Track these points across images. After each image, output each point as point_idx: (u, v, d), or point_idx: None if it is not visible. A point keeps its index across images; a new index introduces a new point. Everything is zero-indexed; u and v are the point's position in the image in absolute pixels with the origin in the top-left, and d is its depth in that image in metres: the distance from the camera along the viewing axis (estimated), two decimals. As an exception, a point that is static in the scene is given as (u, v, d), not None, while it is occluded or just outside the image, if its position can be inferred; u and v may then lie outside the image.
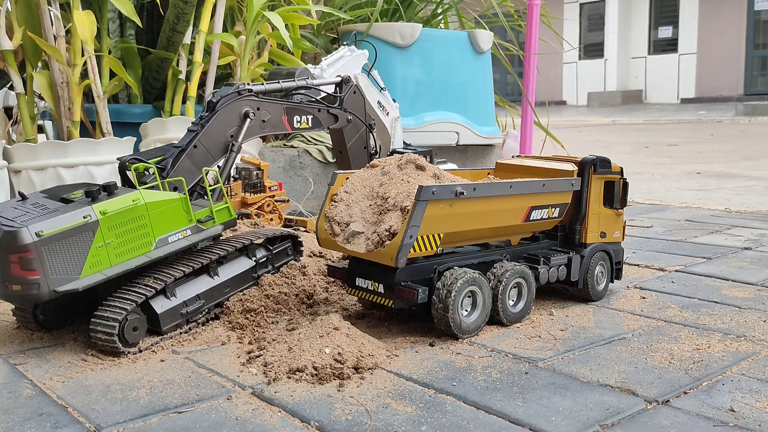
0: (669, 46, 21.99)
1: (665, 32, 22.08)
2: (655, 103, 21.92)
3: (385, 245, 2.16)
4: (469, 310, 2.29)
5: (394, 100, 3.87)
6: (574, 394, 1.84)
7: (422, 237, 2.18)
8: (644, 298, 2.74)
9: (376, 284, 2.26)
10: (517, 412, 1.73)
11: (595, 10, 22.97)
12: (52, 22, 3.51)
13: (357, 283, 2.33)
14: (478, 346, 2.20)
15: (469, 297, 2.28)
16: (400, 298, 2.21)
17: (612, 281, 2.76)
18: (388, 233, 2.17)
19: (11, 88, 3.80)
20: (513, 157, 2.97)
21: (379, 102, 3.67)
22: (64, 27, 3.55)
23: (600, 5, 22.63)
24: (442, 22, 5.65)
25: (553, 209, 2.54)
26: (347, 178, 2.40)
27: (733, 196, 5.50)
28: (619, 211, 2.74)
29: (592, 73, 22.90)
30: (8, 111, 4.49)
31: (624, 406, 1.77)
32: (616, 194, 2.71)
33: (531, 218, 2.47)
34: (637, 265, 3.26)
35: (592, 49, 22.97)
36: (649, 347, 2.19)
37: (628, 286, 2.90)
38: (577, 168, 2.62)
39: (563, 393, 1.85)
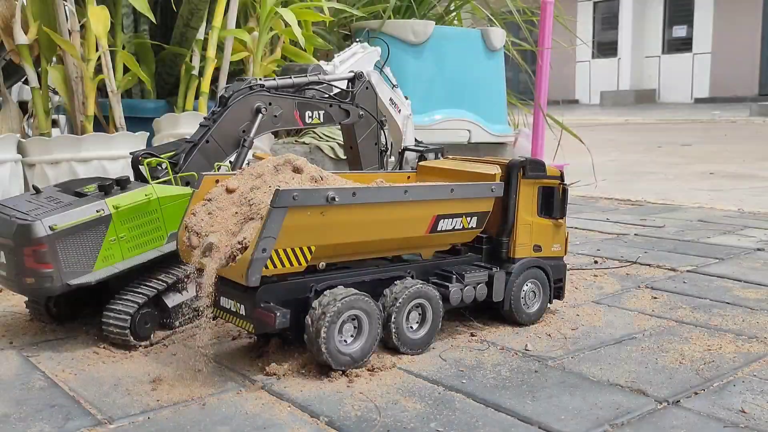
0: (683, 45, 21.86)
1: (679, 31, 21.95)
2: (669, 102, 21.79)
3: (236, 260, 1.85)
4: (353, 336, 1.96)
5: (407, 98, 3.86)
6: (583, 393, 1.84)
7: (285, 250, 1.86)
8: (655, 298, 2.73)
9: (238, 305, 1.94)
10: (526, 411, 1.73)
11: (609, 8, 22.86)
12: (66, 17, 3.53)
13: (221, 304, 2.00)
14: (488, 343, 2.20)
15: (352, 320, 1.95)
16: (259, 322, 1.89)
17: (551, 301, 2.45)
18: (240, 246, 1.85)
19: (26, 82, 3.83)
20: (440, 158, 2.69)
21: (391, 99, 3.66)
22: (79, 22, 3.57)
23: (614, 4, 22.52)
24: (456, 19, 5.64)
25: (469, 218, 2.22)
26: (216, 181, 2.06)
27: (746, 197, 5.46)
28: (559, 221, 2.43)
29: (605, 72, 22.81)
30: (23, 105, 4.52)
31: (634, 406, 1.76)
32: (555, 202, 2.41)
33: (439, 229, 2.16)
34: (649, 265, 3.24)
35: (606, 47, 22.86)
36: (659, 347, 2.18)
37: (639, 286, 2.89)
38: (501, 171, 2.31)
39: (573, 392, 1.84)
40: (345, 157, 3.97)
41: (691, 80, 21.59)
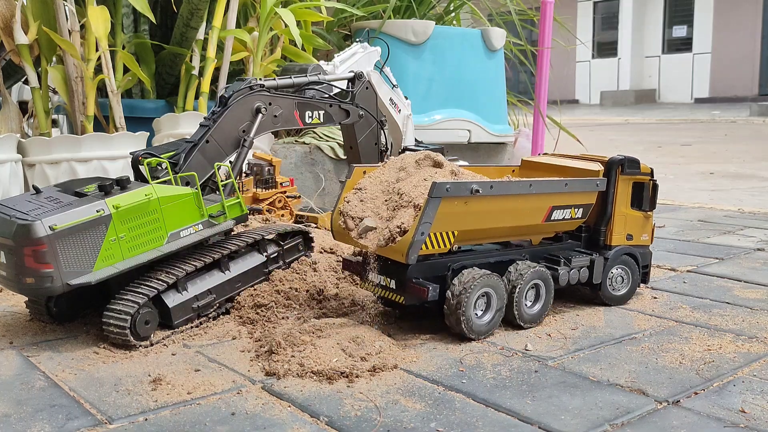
0: (683, 45, 21.85)
1: (679, 31, 21.94)
2: (669, 102, 21.79)
3: (396, 241, 2.12)
4: (482, 311, 2.25)
5: (406, 98, 3.87)
6: (583, 393, 1.84)
7: (435, 234, 2.14)
8: (656, 298, 2.73)
9: (389, 280, 2.24)
10: (526, 410, 1.73)
11: (609, 8, 22.86)
12: (66, 17, 3.53)
13: (370, 278, 2.31)
14: (488, 343, 2.20)
15: (483, 297, 2.24)
16: (411, 295, 2.18)
17: (639, 285, 2.70)
18: (399, 230, 2.13)
19: (26, 82, 3.83)
20: (540, 154, 2.95)
21: (391, 99, 3.66)
22: (79, 22, 3.57)
23: (614, 3, 22.52)
24: (455, 20, 5.64)
25: (576, 210, 2.48)
26: (364, 172, 2.39)
27: (746, 197, 5.46)
28: (648, 213, 2.66)
29: (605, 72, 22.80)
30: (23, 105, 4.52)
31: (634, 406, 1.76)
32: (645, 196, 2.64)
33: (552, 218, 2.42)
34: (649, 265, 3.24)
35: (606, 47, 22.86)
36: (660, 347, 2.18)
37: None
38: (603, 168, 2.55)
39: (573, 392, 1.84)
40: (345, 157, 3.97)
41: (691, 80, 21.58)
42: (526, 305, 2.34)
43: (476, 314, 2.22)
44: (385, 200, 2.26)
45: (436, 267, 2.23)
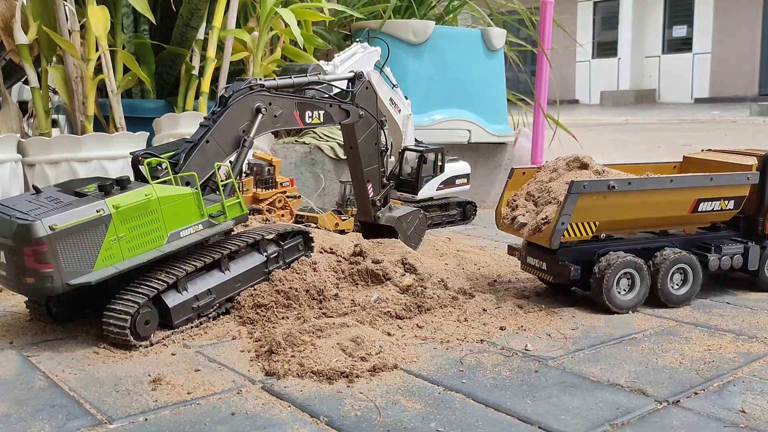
0: (683, 45, 21.85)
1: (679, 31, 21.93)
2: (669, 102, 21.79)
3: (541, 230, 2.54)
4: (626, 290, 2.55)
5: (406, 98, 3.87)
6: (583, 393, 1.84)
7: (576, 224, 2.52)
8: (655, 298, 2.73)
9: (541, 263, 2.64)
10: (526, 410, 1.73)
11: (609, 8, 22.85)
12: (66, 17, 3.53)
13: (528, 261, 2.72)
14: (488, 344, 2.20)
15: (627, 278, 2.54)
16: (558, 275, 2.57)
17: None
18: (544, 221, 2.54)
19: (26, 82, 3.83)
20: (702, 150, 3.11)
21: (391, 99, 3.67)
22: (79, 22, 3.57)
23: (614, 3, 22.51)
24: (454, 20, 5.64)
25: (727, 202, 2.68)
26: (523, 173, 2.84)
27: (746, 197, 5.45)
28: None
29: (605, 72, 22.79)
30: (23, 105, 4.52)
31: (634, 406, 1.76)
32: None
33: (699, 210, 2.66)
34: (649, 265, 3.24)
35: (606, 47, 22.85)
36: (659, 347, 2.18)
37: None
38: (758, 162, 2.74)
39: (573, 392, 1.84)
40: (345, 157, 3.97)
41: (691, 80, 21.57)
42: (671, 288, 2.59)
43: (619, 292, 2.53)
44: (538, 197, 2.69)
45: (584, 252, 2.59)
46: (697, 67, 21.40)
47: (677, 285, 2.62)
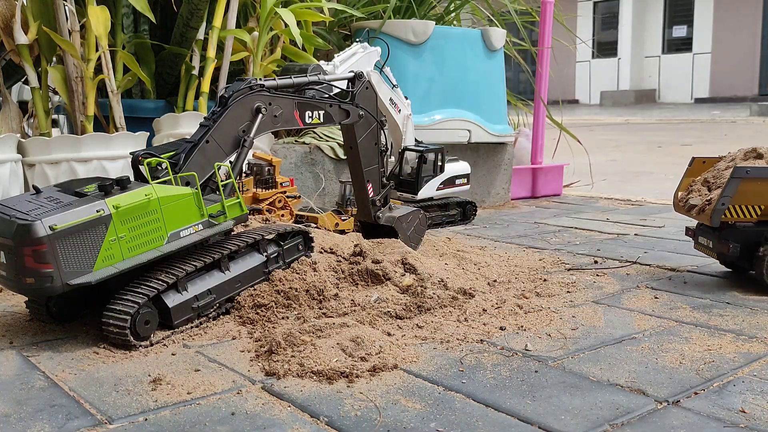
0: (683, 45, 21.86)
1: (679, 31, 21.95)
2: (669, 102, 21.80)
3: (705, 210, 2.80)
4: None
5: (406, 98, 3.87)
6: (583, 393, 1.84)
7: (740, 206, 2.73)
8: (656, 298, 2.73)
9: (708, 241, 2.89)
10: (526, 411, 1.73)
11: (609, 8, 22.86)
12: (66, 17, 3.53)
13: (699, 241, 2.99)
14: (488, 344, 2.20)
15: None
16: (720, 252, 2.82)
17: None
18: (708, 202, 2.81)
19: (26, 82, 3.83)
20: None
21: (391, 99, 3.67)
22: (79, 22, 3.57)
23: (614, 3, 22.52)
24: (455, 20, 5.64)
25: None
26: (703, 162, 3.06)
27: (746, 197, 5.45)
28: None
29: (605, 72, 22.81)
30: (23, 105, 4.52)
31: (634, 406, 1.76)
32: None
33: None
34: (649, 265, 3.24)
35: (606, 47, 22.86)
36: (660, 347, 2.18)
37: (639, 286, 2.89)
38: None
39: (573, 392, 1.84)
40: (345, 157, 3.98)
41: (691, 80, 21.58)
42: None
43: None
44: (712, 183, 2.92)
45: (753, 233, 2.78)
46: (697, 67, 21.41)
47: None
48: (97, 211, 2.07)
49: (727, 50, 20.54)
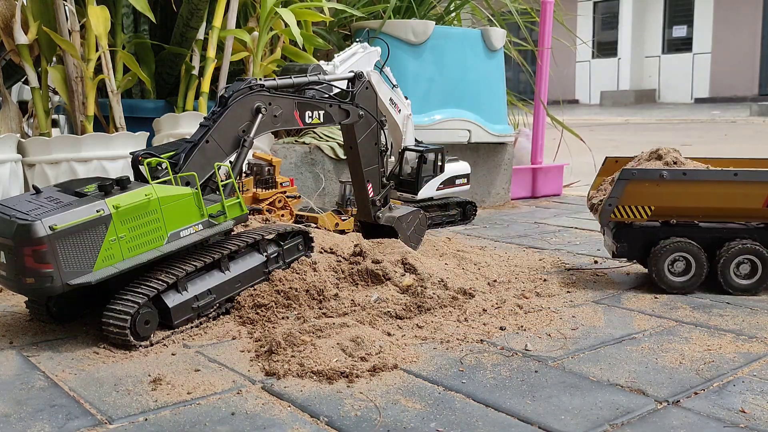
0: (683, 45, 21.86)
1: (679, 31, 21.95)
2: (669, 102, 21.80)
3: (598, 210, 2.88)
4: (680, 272, 2.75)
5: (406, 98, 3.87)
6: (583, 393, 1.84)
7: (630, 207, 2.77)
8: (656, 297, 2.73)
9: (607, 239, 2.96)
10: (526, 411, 1.73)
11: (609, 8, 22.86)
12: (66, 17, 3.53)
13: (604, 239, 3.04)
14: (488, 344, 2.20)
15: (681, 261, 2.74)
16: (611, 249, 2.89)
17: None
18: (600, 202, 2.88)
19: (26, 82, 3.83)
20: None
21: (391, 99, 3.67)
22: (79, 22, 3.57)
23: (614, 3, 22.52)
24: (456, 20, 5.64)
25: None
26: (615, 161, 3.14)
27: (746, 197, 5.45)
28: None
29: (605, 72, 22.80)
30: (23, 105, 4.52)
31: (634, 406, 1.76)
32: None
33: None
34: (649, 265, 3.24)
35: (606, 47, 22.86)
36: (659, 347, 2.18)
37: (638, 286, 2.89)
38: None
39: (573, 392, 1.84)
40: (345, 157, 3.98)
41: (691, 80, 21.58)
42: (733, 276, 2.71)
43: (672, 271, 2.75)
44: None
45: (645, 233, 2.81)
46: (697, 67, 21.41)
47: (742, 274, 2.72)
48: (97, 211, 2.07)
49: (727, 50, 20.54)
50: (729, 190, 2.71)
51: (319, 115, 2.77)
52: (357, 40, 3.82)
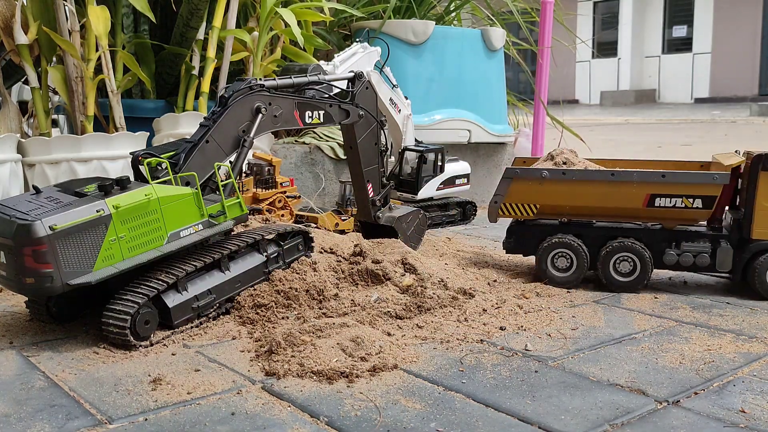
0: (683, 45, 21.85)
1: (679, 31, 21.94)
2: (669, 102, 21.80)
3: (489, 208, 2.97)
4: (564, 267, 2.84)
5: (406, 98, 3.87)
6: (583, 393, 1.84)
7: (516, 204, 2.88)
8: (656, 298, 2.73)
9: (506, 236, 3.03)
10: (526, 411, 1.73)
11: (609, 8, 22.86)
12: (67, 17, 3.53)
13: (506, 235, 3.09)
14: (488, 344, 2.20)
15: (564, 257, 2.83)
16: (503, 244, 3.01)
17: None
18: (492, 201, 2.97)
19: (26, 82, 3.83)
20: (735, 151, 3.04)
21: (391, 99, 3.67)
22: (79, 22, 3.57)
23: (614, 3, 22.52)
24: (456, 19, 5.64)
25: (692, 200, 2.71)
26: (524, 162, 3.20)
27: (746, 197, 5.45)
28: None
29: (605, 72, 22.79)
30: (23, 105, 4.52)
31: (634, 406, 1.76)
32: None
33: (657, 205, 2.74)
34: (649, 265, 3.24)
35: (606, 47, 22.86)
36: (659, 347, 2.18)
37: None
38: (744, 162, 2.72)
39: (573, 392, 1.84)
40: (345, 157, 3.97)
41: (691, 80, 21.57)
42: (613, 273, 2.78)
43: (555, 267, 2.85)
44: None
45: (538, 231, 2.90)
46: (697, 67, 21.40)
47: (623, 272, 2.77)
48: (97, 211, 2.07)
49: (727, 50, 20.52)
50: (609, 190, 2.77)
51: (319, 115, 2.77)
52: (357, 40, 3.82)
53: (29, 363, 2.04)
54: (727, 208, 2.87)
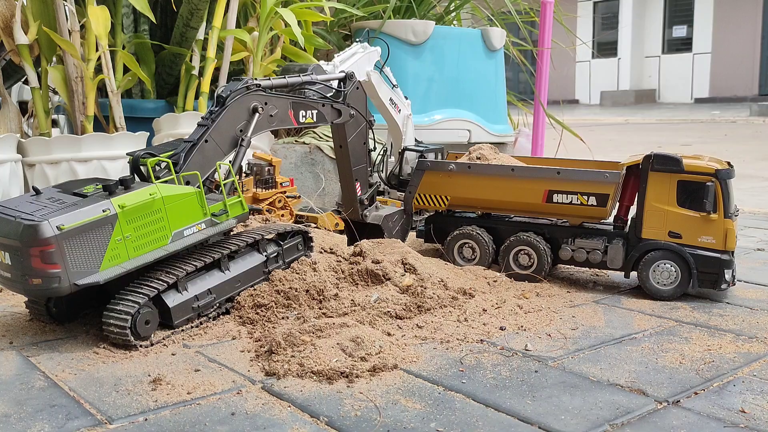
0: (683, 45, 21.85)
1: (679, 31, 21.93)
2: (669, 102, 21.79)
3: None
4: (468, 256, 3.02)
5: (406, 98, 3.87)
6: (583, 393, 1.84)
7: (429, 195, 3.06)
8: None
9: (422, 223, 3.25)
10: (526, 411, 1.73)
11: (609, 8, 22.85)
12: (67, 17, 3.53)
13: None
14: (488, 344, 2.20)
15: (468, 247, 3.00)
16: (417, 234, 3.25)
17: (694, 287, 2.67)
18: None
19: (26, 82, 3.83)
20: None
21: (391, 99, 3.67)
22: (79, 22, 3.57)
23: (614, 3, 22.51)
24: (456, 19, 5.64)
25: (587, 197, 2.77)
26: (456, 157, 3.30)
27: (746, 197, 5.46)
28: (710, 215, 2.61)
29: (605, 72, 22.79)
30: (23, 105, 4.52)
31: (634, 406, 1.76)
32: (706, 197, 2.58)
33: (555, 201, 2.84)
34: (649, 265, 3.24)
35: (606, 47, 22.85)
36: (659, 347, 2.18)
37: (639, 286, 2.88)
38: (636, 162, 2.76)
39: (573, 392, 1.84)
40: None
41: (691, 80, 21.56)
42: (518, 264, 2.91)
43: (462, 256, 3.03)
44: None
45: (453, 221, 3.09)
46: (697, 67, 21.40)
47: (522, 263, 2.91)
48: (104, 211, 2.07)
49: (727, 50, 20.52)
50: (511, 185, 2.89)
51: (312, 114, 2.79)
52: (357, 40, 3.82)
53: (29, 363, 2.04)
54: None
